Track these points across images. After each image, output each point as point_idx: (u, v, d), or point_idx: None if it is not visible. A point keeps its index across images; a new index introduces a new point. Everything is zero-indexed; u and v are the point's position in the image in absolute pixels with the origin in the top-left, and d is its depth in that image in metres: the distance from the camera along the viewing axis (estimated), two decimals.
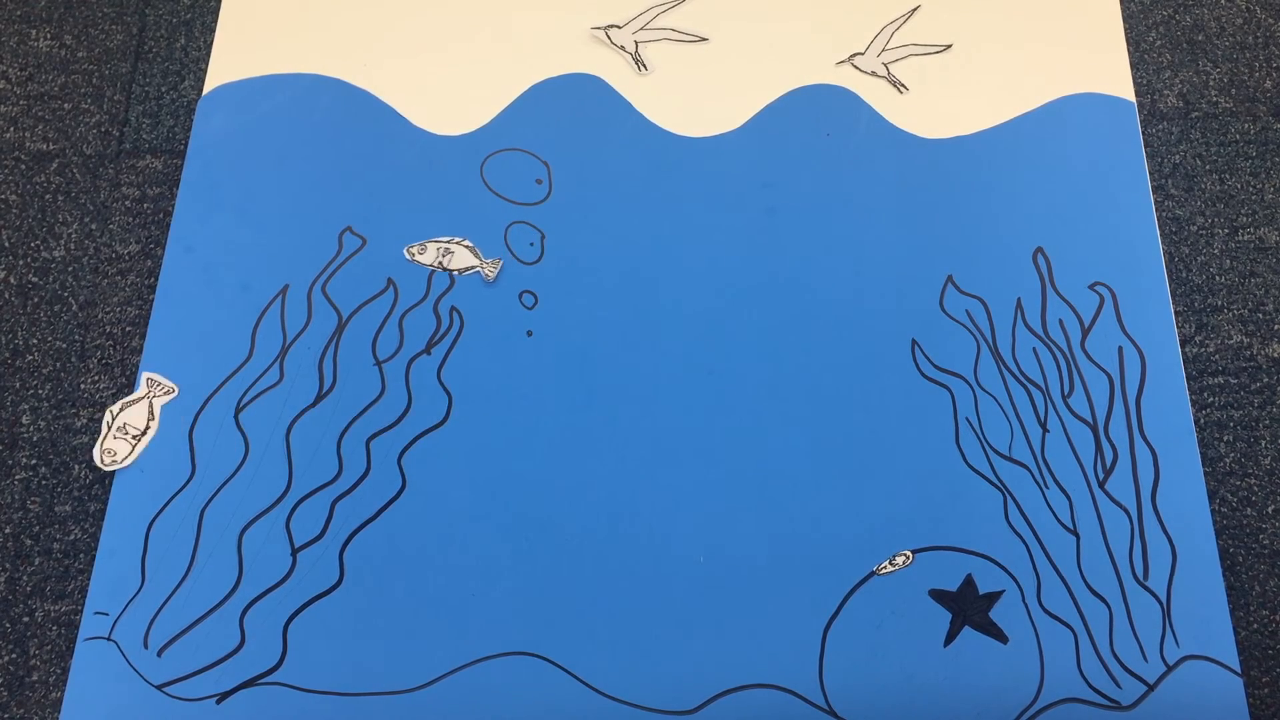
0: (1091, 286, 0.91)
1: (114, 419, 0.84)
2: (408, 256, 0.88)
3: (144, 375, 0.85)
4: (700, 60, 1.02)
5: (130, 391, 0.88)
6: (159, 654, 0.79)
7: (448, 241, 0.88)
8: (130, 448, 0.84)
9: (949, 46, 1.03)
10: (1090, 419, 0.86)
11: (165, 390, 0.83)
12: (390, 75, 1.01)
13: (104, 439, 0.84)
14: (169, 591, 0.80)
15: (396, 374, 0.88)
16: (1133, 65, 1.03)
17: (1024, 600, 0.81)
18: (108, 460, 0.84)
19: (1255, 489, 0.87)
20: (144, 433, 0.84)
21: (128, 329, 0.92)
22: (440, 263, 0.87)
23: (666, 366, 0.88)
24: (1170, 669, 0.79)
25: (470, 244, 0.87)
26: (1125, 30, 1.04)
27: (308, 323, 0.89)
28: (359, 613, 0.80)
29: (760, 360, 0.88)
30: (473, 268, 0.87)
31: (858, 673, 0.79)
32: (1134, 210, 0.94)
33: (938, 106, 0.99)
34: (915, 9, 1.04)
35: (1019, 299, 0.91)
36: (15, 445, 0.88)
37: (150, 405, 0.84)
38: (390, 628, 0.80)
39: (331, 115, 0.99)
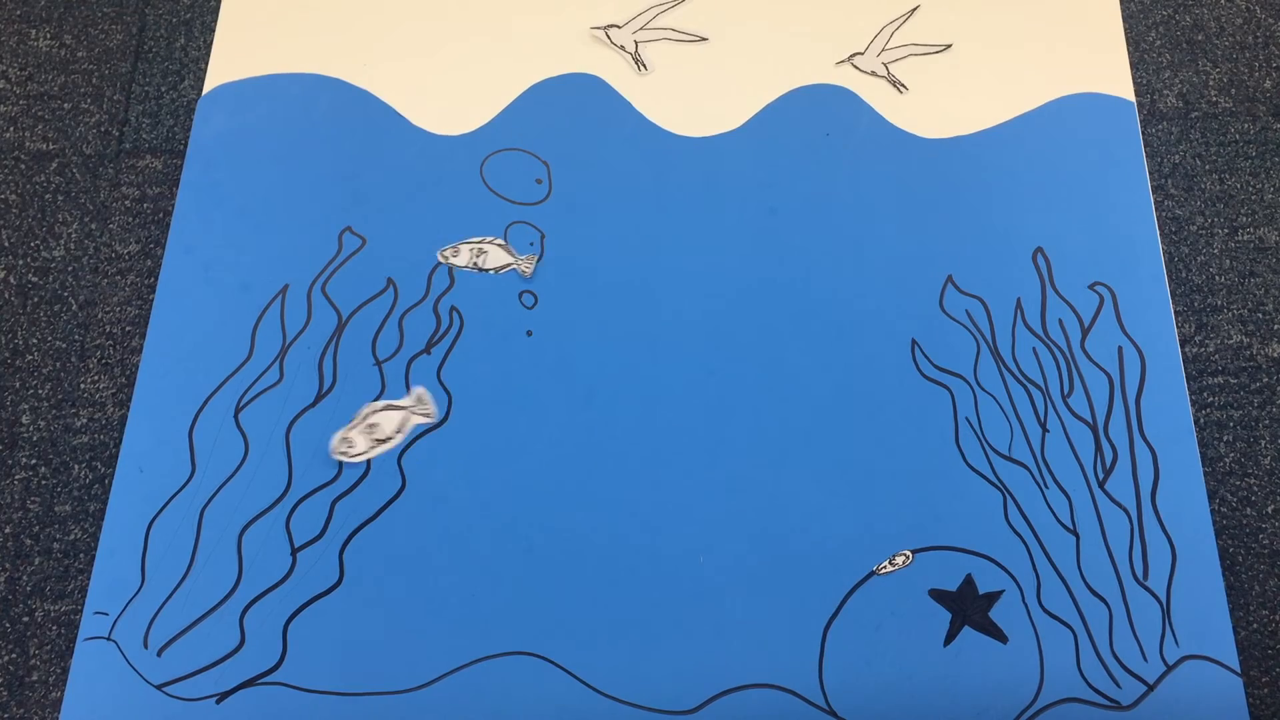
0: (1091, 286, 0.91)
1: (367, 414, 0.83)
2: (441, 260, 0.88)
3: (417, 389, 0.84)
4: (700, 60, 1.02)
5: (130, 392, 0.87)
6: (159, 654, 0.79)
7: (480, 242, 0.88)
8: (368, 447, 0.84)
9: (949, 46, 1.03)
10: (1090, 419, 0.86)
11: (425, 412, 0.82)
12: (390, 75, 1.01)
13: (348, 429, 0.83)
14: (169, 591, 0.80)
15: (396, 374, 0.88)
16: (1133, 65, 1.03)
17: (1024, 600, 0.81)
18: (341, 449, 0.83)
19: (1255, 489, 0.87)
20: (385, 441, 0.83)
21: (128, 329, 0.92)
22: (475, 263, 0.87)
23: (666, 366, 0.88)
24: (1170, 669, 0.79)
25: (503, 242, 0.86)
26: (1125, 30, 1.04)
27: (308, 323, 0.89)
28: (359, 613, 0.80)
29: (760, 360, 0.88)
30: (508, 265, 0.87)
31: (858, 673, 0.79)
32: (1134, 210, 0.94)
33: (938, 106, 0.99)
34: (915, 9, 1.05)
35: (1019, 299, 0.91)
36: (15, 445, 0.88)
37: (406, 419, 0.83)
38: (390, 628, 0.80)
39: (331, 115, 0.99)
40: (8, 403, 0.90)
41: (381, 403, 0.80)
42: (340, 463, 0.84)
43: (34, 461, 0.88)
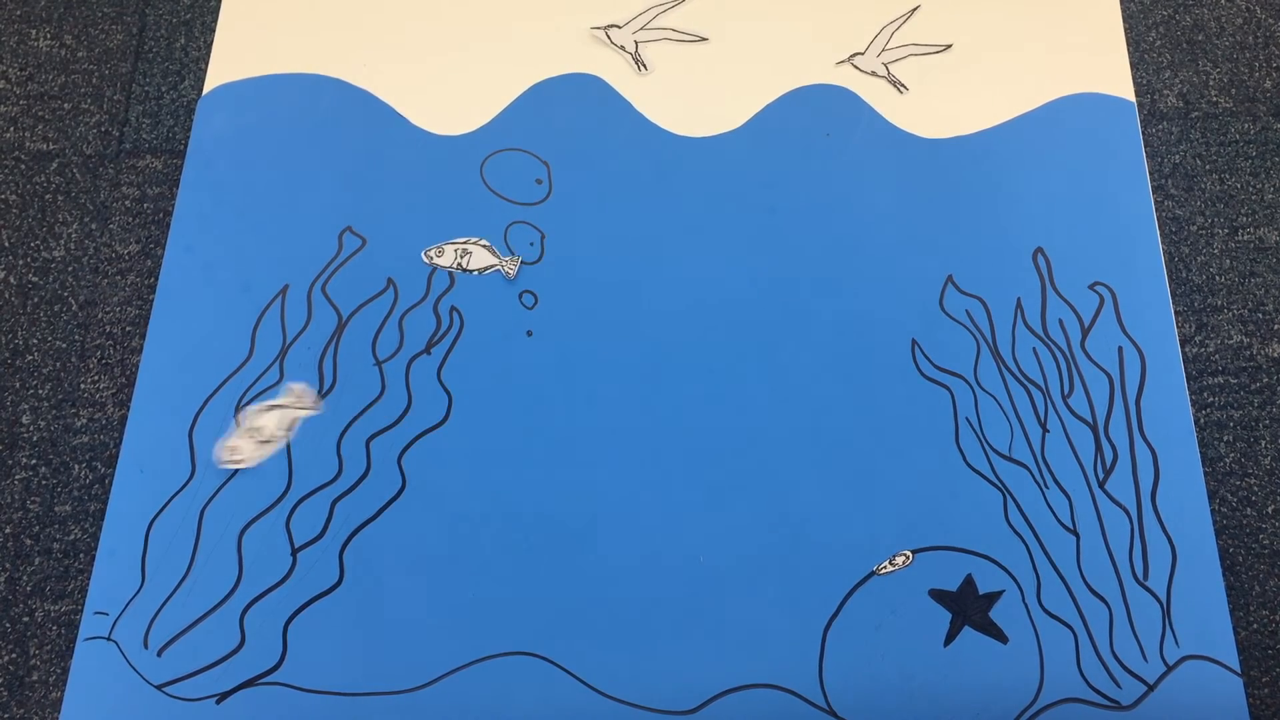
0: (1091, 286, 0.91)
1: (247, 418, 0.83)
2: (425, 260, 0.88)
3: (294, 385, 0.84)
4: (700, 60, 1.02)
5: (130, 392, 0.88)
6: (159, 654, 0.79)
7: (464, 242, 0.87)
8: (254, 451, 0.83)
9: (949, 46, 1.03)
10: (1090, 419, 0.86)
11: (306, 406, 0.82)
12: (390, 75, 1.01)
13: (232, 437, 0.83)
14: (169, 591, 0.80)
15: (396, 374, 0.88)
16: (1133, 65, 1.03)
17: (1024, 600, 0.81)
18: (228, 458, 0.83)
19: (1255, 489, 0.87)
20: (270, 442, 0.83)
21: (128, 329, 0.92)
22: (459, 264, 0.87)
23: (666, 366, 0.88)
24: (1170, 669, 0.79)
25: (487, 243, 0.86)
26: (1125, 30, 1.04)
27: (308, 323, 0.89)
28: (359, 613, 0.80)
29: (760, 360, 0.88)
30: (492, 267, 0.86)
31: (858, 673, 0.79)
32: (1134, 210, 0.94)
33: (938, 106, 0.99)
34: (915, 9, 1.05)
35: (1019, 299, 0.91)
36: (15, 445, 0.88)
37: (288, 416, 0.83)
38: (390, 628, 0.80)
39: (331, 115, 0.99)
40: (8, 403, 0.90)
41: (261, 404, 0.80)
42: (339, 465, 0.84)
43: (34, 461, 0.88)
